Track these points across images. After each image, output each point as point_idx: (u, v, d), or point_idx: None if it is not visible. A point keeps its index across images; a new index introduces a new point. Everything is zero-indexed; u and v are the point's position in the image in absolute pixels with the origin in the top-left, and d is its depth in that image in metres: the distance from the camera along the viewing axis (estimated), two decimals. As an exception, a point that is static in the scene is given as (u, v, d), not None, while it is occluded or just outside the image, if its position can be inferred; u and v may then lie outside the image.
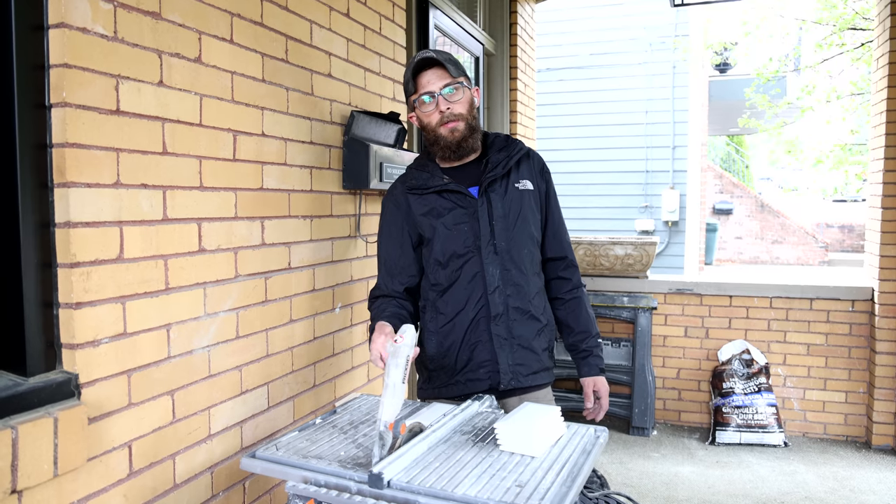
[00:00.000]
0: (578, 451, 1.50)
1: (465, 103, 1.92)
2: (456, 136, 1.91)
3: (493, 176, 1.95)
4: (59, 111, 1.33)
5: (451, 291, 1.96)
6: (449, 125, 1.90)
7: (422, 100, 1.90)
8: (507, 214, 1.95)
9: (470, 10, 4.40)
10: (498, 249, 1.93)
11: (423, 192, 1.98)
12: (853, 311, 4.36)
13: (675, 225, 9.69)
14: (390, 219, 2.03)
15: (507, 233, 1.94)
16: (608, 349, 4.68)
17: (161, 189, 1.59)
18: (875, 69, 4.44)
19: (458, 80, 1.89)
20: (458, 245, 1.94)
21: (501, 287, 1.93)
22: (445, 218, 1.95)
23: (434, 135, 1.93)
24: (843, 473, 3.85)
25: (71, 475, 1.34)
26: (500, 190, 1.96)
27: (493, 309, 1.93)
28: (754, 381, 4.33)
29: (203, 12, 1.72)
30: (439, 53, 1.90)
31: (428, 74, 1.89)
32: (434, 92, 1.88)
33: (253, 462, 1.45)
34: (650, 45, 9.64)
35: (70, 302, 1.35)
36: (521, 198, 1.97)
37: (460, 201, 1.95)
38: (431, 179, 1.97)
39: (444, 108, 1.89)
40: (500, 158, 1.98)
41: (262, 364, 1.99)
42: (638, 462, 4.02)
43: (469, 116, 1.93)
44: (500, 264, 1.93)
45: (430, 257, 1.98)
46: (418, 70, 1.90)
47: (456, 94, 1.90)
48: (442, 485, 1.29)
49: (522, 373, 1.95)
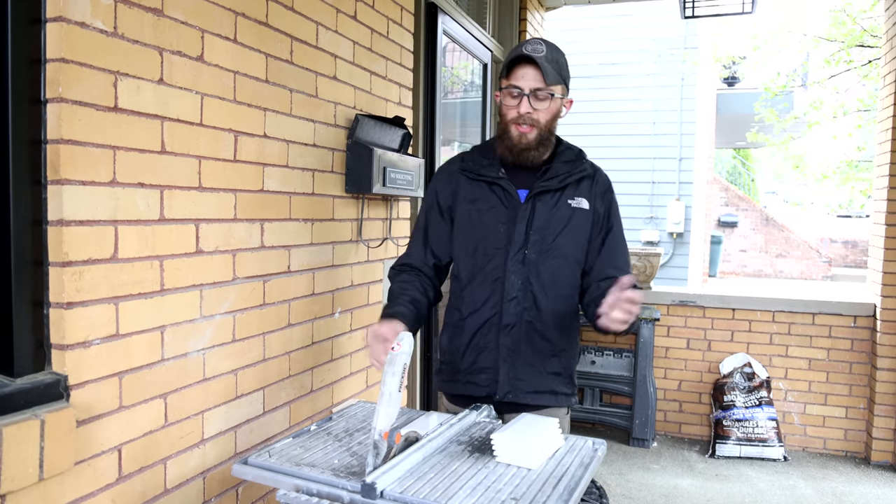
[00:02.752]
0: (576, 464, 1.47)
1: (549, 113, 1.83)
2: (522, 142, 1.84)
3: (547, 187, 1.87)
4: (55, 107, 1.31)
5: (470, 289, 1.92)
6: (521, 128, 1.83)
7: (508, 91, 1.83)
8: (547, 227, 1.86)
9: (479, 17, 4.38)
10: (527, 260, 1.86)
11: (475, 178, 1.93)
12: (855, 326, 4.33)
13: (679, 236, 9.66)
14: (441, 189, 1.98)
15: (541, 245, 1.86)
16: (609, 359, 4.65)
17: (158, 188, 1.56)
18: (882, 86, 4.42)
19: (551, 89, 1.80)
20: (489, 244, 1.88)
21: (519, 298, 1.86)
22: (486, 213, 1.90)
23: (505, 128, 1.86)
24: (842, 489, 3.81)
25: (57, 479, 1.31)
26: (549, 201, 1.87)
27: (505, 318, 1.87)
28: (755, 395, 4.30)
29: (207, 10, 1.70)
30: (548, 51, 1.80)
31: (525, 69, 1.79)
32: (524, 89, 1.80)
33: (245, 469, 1.42)
34: (659, 56, 9.62)
35: (61, 301, 1.32)
36: (571, 215, 1.88)
37: (506, 200, 1.88)
38: (488, 168, 1.91)
39: (523, 111, 1.81)
40: (561, 171, 1.88)
41: (259, 368, 1.96)
42: (637, 474, 3.98)
43: (545, 129, 1.84)
44: (523, 275, 1.86)
45: (460, 246, 1.94)
46: (518, 61, 1.81)
47: (543, 102, 1.81)
48: (436, 496, 1.26)
49: (522, 388, 1.88)
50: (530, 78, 1.79)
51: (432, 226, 1.98)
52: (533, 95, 1.80)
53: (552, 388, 1.91)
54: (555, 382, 1.92)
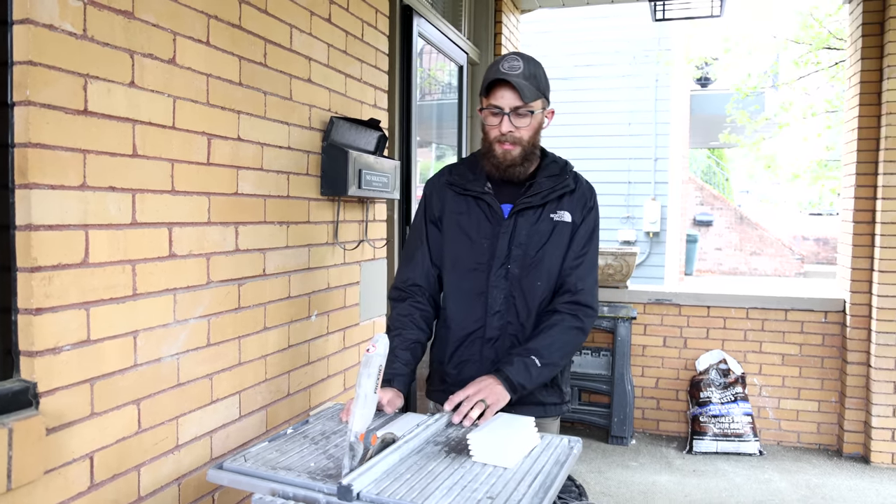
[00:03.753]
0: (552, 462, 1.48)
1: (531, 129, 1.84)
2: (507, 159, 1.84)
3: (529, 203, 1.88)
4: (22, 110, 1.29)
5: (455, 301, 1.93)
6: (505, 146, 1.83)
7: (489, 110, 1.84)
8: (529, 243, 1.87)
9: (455, 19, 4.40)
10: (510, 275, 1.87)
11: (461, 192, 1.94)
12: (826, 322, 4.41)
13: (656, 236, 9.76)
14: (431, 201, 1.99)
15: (523, 260, 1.87)
16: (587, 358, 4.68)
17: (130, 192, 1.55)
18: (847, 88, 4.51)
19: (529, 106, 1.80)
20: (473, 258, 1.90)
21: (502, 312, 1.88)
22: (471, 227, 1.91)
23: (488, 147, 1.87)
24: (816, 481, 3.88)
25: (26, 489, 1.29)
26: (532, 217, 1.88)
27: (489, 332, 1.89)
28: (731, 391, 4.36)
29: (178, 13, 1.68)
30: (525, 67, 1.79)
31: (503, 89, 1.80)
32: (502, 109, 1.81)
33: (220, 474, 1.41)
34: (634, 57, 9.72)
35: (30, 307, 1.30)
36: (553, 230, 1.89)
37: (490, 215, 1.90)
38: (474, 183, 1.92)
39: (505, 130, 1.82)
40: (544, 187, 1.89)
41: (234, 372, 1.95)
42: (616, 471, 4.01)
43: (528, 144, 1.85)
44: (506, 289, 1.87)
45: (446, 259, 1.94)
46: (495, 83, 1.81)
47: (523, 120, 1.82)
48: (412, 497, 1.27)
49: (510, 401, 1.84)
50: (509, 98, 1.80)
51: (432, 237, 1.98)
52: (513, 114, 1.81)
53: (538, 399, 1.92)
54: (541, 394, 1.92)
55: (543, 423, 1.87)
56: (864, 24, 4.17)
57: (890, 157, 4.03)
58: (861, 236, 4.22)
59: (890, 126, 4.03)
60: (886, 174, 4.05)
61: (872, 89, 4.16)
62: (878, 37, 4.14)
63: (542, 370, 1.79)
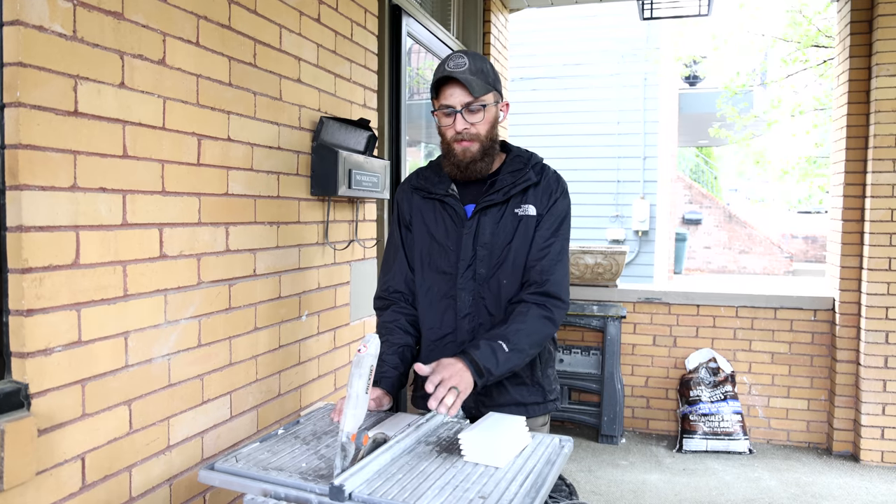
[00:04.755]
0: (543, 461, 1.49)
1: (486, 124, 1.81)
2: (467, 156, 1.82)
3: (491, 201, 1.85)
4: (13, 111, 1.29)
5: (425, 304, 1.92)
6: (462, 143, 1.81)
7: (441, 111, 1.81)
8: (494, 241, 1.85)
9: (443, 19, 4.40)
10: (477, 276, 1.85)
11: (427, 196, 1.93)
12: (815, 320, 4.44)
13: (645, 234, 9.80)
14: (402, 207, 1.98)
15: (490, 260, 1.85)
16: (577, 357, 4.70)
17: (121, 193, 1.55)
18: (836, 86, 4.55)
19: (480, 100, 1.78)
20: (440, 261, 1.89)
21: (472, 315, 1.86)
22: (436, 230, 1.90)
23: (447, 147, 1.86)
24: (805, 479, 3.91)
25: (18, 490, 1.29)
26: (495, 215, 1.85)
27: (460, 335, 1.87)
28: (720, 390, 4.38)
29: (168, 14, 1.68)
30: (470, 63, 1.77)
31: (451, 88, 1.78)
32: (454, 107, 1.78)
33: (211, 474, 1.41)
34: (622, 56, 9.76)
35: (21, 309, 1.30)
36: (517, 226, 1.85)
37: (454, 217, 1.88)
38: (438, 186, 1.91)
39: (460, 128, 1.79)
40: (506, 183, 1.86)
41: (225, 373, 1.95)
42: (607, 470, 4.03)
43: (486, 139, 1.82)
44: (475, 291, 1.85)
45: (416, 263, 1.93)
46: (442, 81, 1.79)
47: (477, 115, 1.79)
48: (404, 497, 1.27)
49: (486, 403, 1.86)
50: (458, 95, 1.78)
51: (407, 243, 1.97)
52: (466, 110, 1.78)
53: (518, 399, 1.89)
54: (520, 393, 1.89)
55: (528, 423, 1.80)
56: (853, 22, 4.20)
57: (879, 156, 4.07)
58: (850, 234, 4.25)
59: (879, 124, 4.06)
60: (875, 172, 4.08)
61: (861, 87, 4.19)
62: (866, 35, 4.17)
63: (509, 355, 1.72)
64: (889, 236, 4.09)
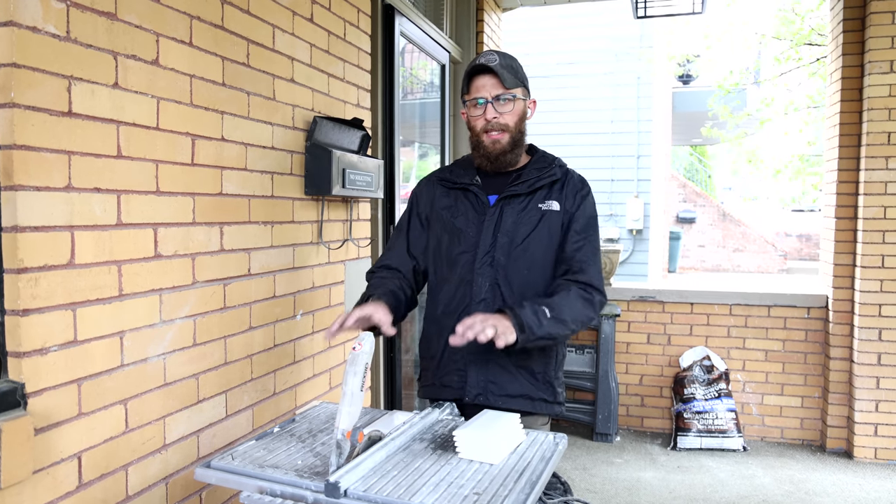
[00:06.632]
0: (537, 458, 1.50)
1: (515, 115, 1.87)
2: (497, 148, 1.87)
3: (516, 191, 1.89)
4: (7, 112, 1.29)
5: (442, 289, 1.95)
6: (492, 135, 1.86)
7: (472, 102, 1.87)
8: (515, 230, 1.88)
9: (436, 18, 4.41)
10: (495, 263, 1.87)
11: (451, 187, 1.98)
12: (809, 317, 4.47)
13: (639, 233, 9.83)
14: (421, 198, 2.03)
15: (509, 249, 1.87)
16: (571, 355, 4.71)
17: (115, 193, 1.55)
18: (829, 84, 4.57)
19: (511, 91, 1.84)
20: (458, 246, 1.92)
21: (488, 301, 1.87)
22: (458, 217, 1.94)
23: (476, 140, 1.90)
24: (799, 476, 3.93)
25: (15, 489, 1.29)
26: (518, 205, 1.89)
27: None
28: (714, 387, 4.40)
29: (161, 14, 1.69)
30: (501, 59, 1.84)
31: (483, 79, 1.84)
32: (486, 98, 1.84)
33: (207, 472, 1.41)
34: (616, 55, 9.78)
35: (17, 309, 1.31)
36: (541, 218, 1.89)
37: (476, 205, 1.93)
38: (463, 176, 1.96)
39: (489, 117, 1.85)
40: (531, 176, 1.91)
41: (220, 372, 1.96)
42: (601, 468, 4.04)
43: (515, 130, 1.88)
44: (492, 277, 1.87)
45: (434, 249, 1.98)
46: (474, 73, 1.86)
47: (506, 105, 1.85)
48: (399, 493, 1.28)
49: (494, 391, 1.87)
50: (490, 86, 1.84)
51: (413, 230, 2.02)
52: (496, 101, 1.84)
53: (527, 392, 1.88)
54: (530, 386, 1.89)
55: (530, 421, 1.85)
56: (846, 20, 4.21)
57: (872, 153, 4.09)
58: (843, 232, 4.27)
59: (872, 122, 4.08)
60: (868, 170, 4.10)
61: (854, 85, 4.21)
62: (859, 32, 4.19)
63: (551, 322, 1.72)
64: (882, 233, 4.11)
